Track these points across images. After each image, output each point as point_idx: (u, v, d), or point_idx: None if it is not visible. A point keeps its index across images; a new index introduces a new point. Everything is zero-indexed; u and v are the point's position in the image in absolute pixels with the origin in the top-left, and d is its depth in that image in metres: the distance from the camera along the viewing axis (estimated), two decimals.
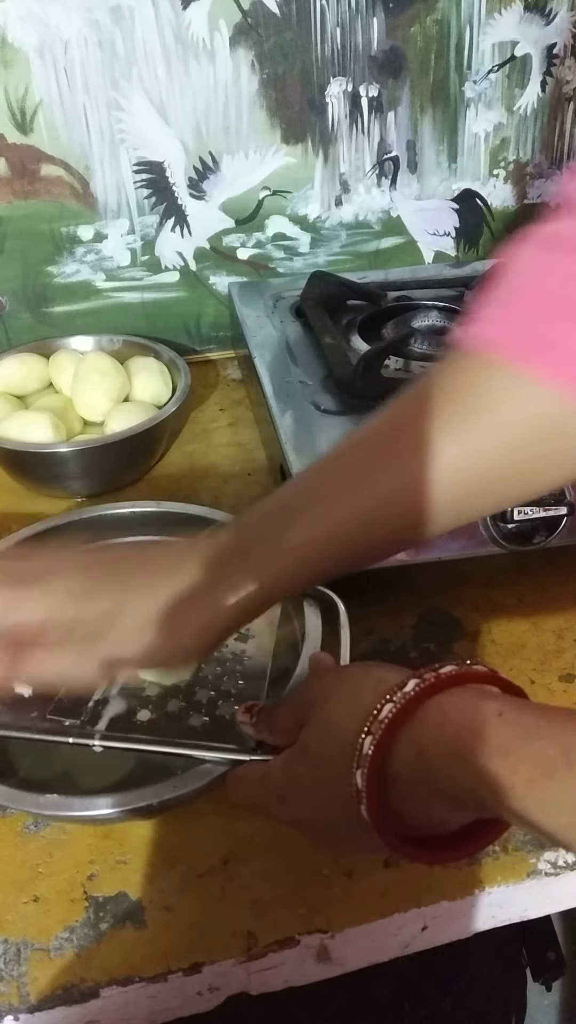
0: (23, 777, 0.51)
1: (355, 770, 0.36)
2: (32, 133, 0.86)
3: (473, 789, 0.33)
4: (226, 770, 0.46)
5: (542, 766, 0.31)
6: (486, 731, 0.33)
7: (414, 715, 0.36)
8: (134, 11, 0.82)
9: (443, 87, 0.93)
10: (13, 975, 0.46)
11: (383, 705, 0.36)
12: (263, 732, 0.46)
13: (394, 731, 0.36)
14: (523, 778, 0.31)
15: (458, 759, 0.34)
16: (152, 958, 0.46)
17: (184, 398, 0.82)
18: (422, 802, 0.36)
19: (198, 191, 0.93)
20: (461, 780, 0.34)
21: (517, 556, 0.63)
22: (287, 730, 0.43)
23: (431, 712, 0.36)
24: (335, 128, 0.93)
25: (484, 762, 0.33)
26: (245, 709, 0.47)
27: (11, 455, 0.78)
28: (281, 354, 0.77)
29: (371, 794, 0.36)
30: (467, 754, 0.33)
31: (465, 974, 0.77)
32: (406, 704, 0.36)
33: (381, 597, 0.68)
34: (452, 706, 0.35)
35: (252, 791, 0.43)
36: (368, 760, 0.35)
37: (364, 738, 0.36)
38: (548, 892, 0.51)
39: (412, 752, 0.35)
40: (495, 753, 0.32)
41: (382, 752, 0.36)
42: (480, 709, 0.34)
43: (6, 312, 0.94)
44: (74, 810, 0.46)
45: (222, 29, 0.85)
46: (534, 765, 0.31)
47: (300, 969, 0.48)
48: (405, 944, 0.50)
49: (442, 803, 0.35)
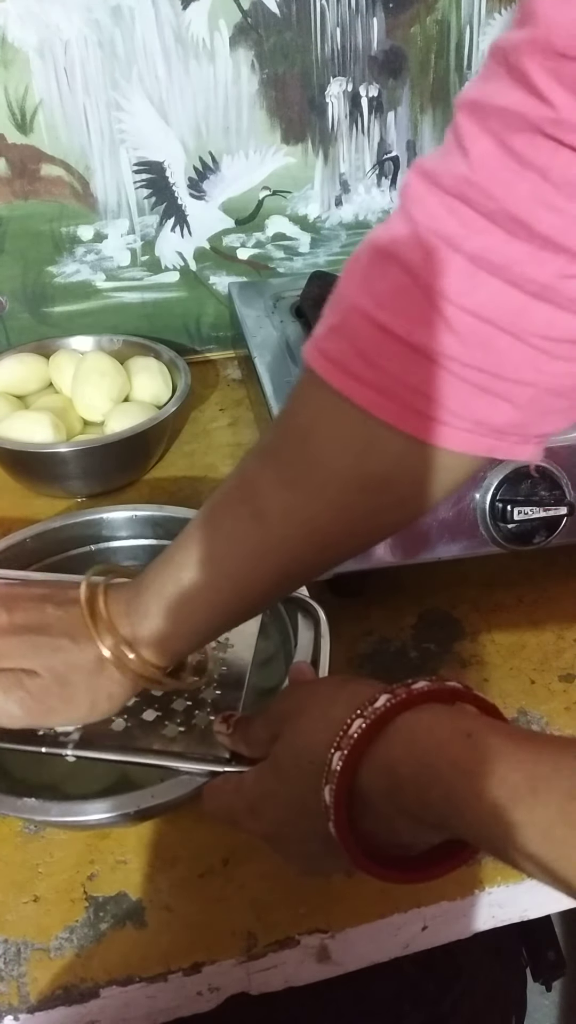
0: (18, 779, 0.51)
1: (324, 786, 0.36)
2: (32, 133, 0.86)
3: (439, 810, 0.33)
4: (207, 779, 0.46)
5: (507, 794, 0.30)
6: (454, 752, 0.33)
7: (384, 731, 0.35)
8: (134, 11, 0.82)
9: (443, 87, 0.93)
10: (13, 975, 0.46)
11: (353, 720, 0.35)
12: (239, 743, 0.45)
13: (363, 747, 0.35)
14: (488, 806, 0.31)
15: (425, 778, 0.33)
16: (152, 958, 0.46)
17: (184, 398, 0.82)
18: (390, 820, 0.35)
19: (198, 191, 0.93)
20: (428, 800, 0.33)
21: (517, 556, 0.63)
22: (262, 742, 0.43)
23: (401, 729, 0.35)
24: (335, 128, 0.93)
25: (451, 784, 0.32)
26: (222, 719, 0.47)
27: (11, 455, 0.78)
28: (281, 354, 0.77)
29: (339, 810, 0.35)
30: (434, 774, 0.33)
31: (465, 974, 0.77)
32: (376, 720, 0.35)
33: (381, 597, 0.68)
34: (422, 724, 0.35)
35: (225, 802, 0.43)
36: (336, 776, 0.35)
37: (333, 753, 0.35)
38: (548, 892, 0.50)
39: (381, 769, 0.35)
40: (462, 776, 0.32)
41: (351, 768, 0.35)
42: (449, 729, 0.34)
43: (6, 312, 0.94)
44: (52, 815, 0.46)
45: (222, 29, 0.85)
46: (500, 789, 0.31)
47: (300, 969, 0.48)
48: (405, 944, 0.50)
49: (409, 822, 0.35)
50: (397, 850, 0.37)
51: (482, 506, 0.61)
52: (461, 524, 0.62)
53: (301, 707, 0.40)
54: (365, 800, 0.35)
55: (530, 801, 0.30)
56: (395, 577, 0.68)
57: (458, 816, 0.32)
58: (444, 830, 0.35)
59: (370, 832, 0.36)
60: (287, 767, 0.39)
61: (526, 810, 0.30)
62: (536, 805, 0.30)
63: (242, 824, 0.42)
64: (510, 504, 0.60)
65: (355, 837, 0.36)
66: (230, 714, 0.47)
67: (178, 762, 0.47)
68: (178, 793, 0.45)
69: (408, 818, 0.35)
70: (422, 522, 0.61)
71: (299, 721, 0.40)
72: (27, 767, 0.52)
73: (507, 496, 0.60)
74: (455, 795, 0.32)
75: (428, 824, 0.34)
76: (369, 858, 0.36)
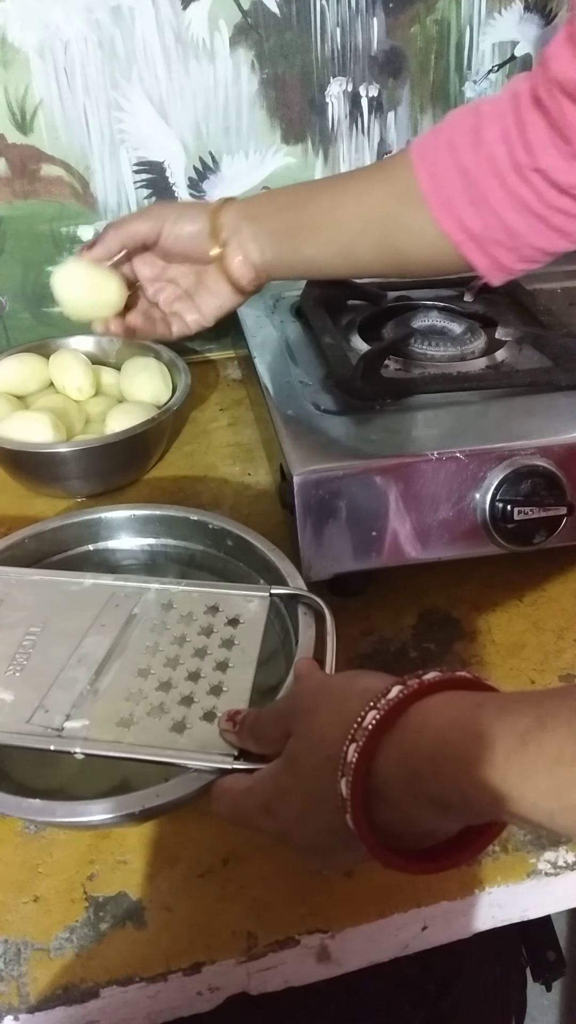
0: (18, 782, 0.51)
1: (340, 779, 0.36)
2: (32, 133, 0.86)
3: (456, 782, 0.33)
4: (213, 778, 0.46)
5: (518, 735, 0.31)
6: (465, 721, 0.33)
7: (397, 722, 0.36)
8: (134, 11, 0.82)
9: (443, 87, 0.93)
10: (13, 975, 0.46)
11: (367, 712, 0.36)
12: (247, 741, 0.46)
13: (378, 738, 0.35)
14: (501, 753, 0.32)
15: (440, 755, 0.34)
16: (152, 958, 0.46)
17: (184, 398, 0.82)
18: (407, 809, 0.36)
19: (198, 191, 0.93)
20: (444, 776, 0.33)
21: (517, 556, 0.63)
22: (272, 740, 0.43)
23: (414, 717, 0.36)
24: (335, 128, 0.93)
25: (464, 750, 0.33)
26: (228, 717, 0.47)
27: (11, 455, 0.78)
28: (281, 354, 0.77)
29: (356, 802, 0.35)
30: (448, 748, 0.33)
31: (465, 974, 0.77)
32: (390, 710, 0.36)
33: (381, 597, 0.68)
34: (432, 708, 0.35)
35: (236, 802, 0.43)
36: (352, 768, 0.35)
37: (349, 746, 0.36)
38: (548, 892, 0.51)
39: (396, 758, 0.35)
40: (474, 739, 0.32)
41: (366, 759, 0.35)
42: (459, 704, 0.35)
43: (6, 312, 0.94)
44: (56, 816, 0.46)
45: (222, 29, 0.85)
46: (510, 736, 0.32)
47: (300, 969, 0.48)
48: (405, 944, 0.50)
49: (427, 809, 0.35)
50: (413, 841, 0.37)
51: (482, 506, 0.61)
52: (461, 524, 0.62)
53: (314, 703, 0.41)
54: (381, 791, 0.36)
55: (539, 735, 0.31)
56: (395, 577, 0.68)
57: (474, 781, 0.32)
58: (461, 806, 0.35)
59: (387, 823, 0.36)
60: (302, 762, 0.39)
61: (536, 745, 0.31)
62: (544, 736, 0.31)
63: (254, 822, 0.42)
64: (510, 504, 0.60)
65: (373, 828, 0.36)
66: (236, 712, 0.47)
67: (186, 759, 0.47)
68: (183, 792, 0.45)
69: (425, 805, 0.35)
70: (422, 522, 0.61)
71: (312, 716, 0.40)
72: (27, 771, 0.51)
73: (507, 496, 0.60)
74: (469, 760, 0.32)
75: (445, 805, 0.35)
76: (386, 849, 0.36)
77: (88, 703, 0.51)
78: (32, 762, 0.51)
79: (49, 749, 0.48)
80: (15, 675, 0.53)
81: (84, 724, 0.49)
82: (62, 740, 0.48)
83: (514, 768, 0.31)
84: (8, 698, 0.51)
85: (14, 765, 0.51)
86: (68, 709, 0.50)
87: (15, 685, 0.52)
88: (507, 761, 0.31)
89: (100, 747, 0.48)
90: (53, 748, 0.48)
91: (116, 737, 0.48)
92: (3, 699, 0.51)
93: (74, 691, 0.51)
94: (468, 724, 0.33)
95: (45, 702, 0.51)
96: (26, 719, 0.50)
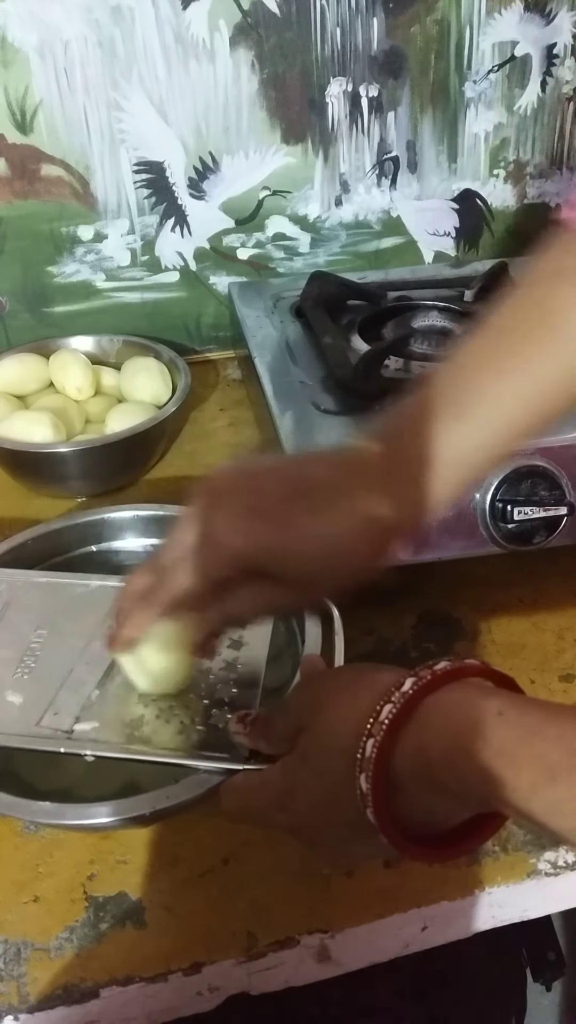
0: (27, 784, 0.51)
1: (359, 774, 0.36)
2: (32, 133, 0.86)
3: (477, 788, 0.33)
4: (222, 779, 0.46)
5: (546, 770, 0.31)
6: (487, 731, 0.33)
7: (413, 714, 0.36)
8: (134, 11, 0.82)
9: (443, 87, 0.93)
10: (13, 975, 0.46)
11: (382, 706, 0.36)
12: (258, 741, 0.45)
13: (395, 732, 0.36)
14: (527, 782, 0.32)
15: (461, 759, 0.34)
16: (152, 958, 0.46)
17: (184, 398, 0.82)
18: (425, 800, 0.36)
19: (198, 191, 0.93)
20: (464, 779, 0.34)
21: (517, 556, 0.63)
22: (283, 738, 0.43)
23: (431, 710, 0.36)
24: (335, 128, 0.93)
25: (487, 763, 0.33)
26: (238, 718, 0.47)
27: (11, 455, 0.78)
28: (281, 354, 0.77)
29: (377, 796, 0.36)
30: (470, 755, 0.33)
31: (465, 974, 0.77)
32: (405, 704, 0.36)
33: (381, 597, 0.68)
34: (452, 704, 0.35)
35: (248, 800, 0.43)
36: (372, 763, 0.35)
37: (366, 741, 0.36)
38: (548, 892, 0.51)
39: (414, 752, 0.35)
40: (498, 755, 0.32)
41: (385, 754, 0.35)
42: (480, 707, 0.34)
43: (6, 312, 0.94)
44: (67, 818, 0.46)
45: (222, 29, 0.85)
46: (538, 769, 0.32)
47: (300, 969, 0.48)
48: (405, 944, 0.50)
49: (445, 800, 0.36)
50: (428, 829, 0.37)
51: (482, 506, 0.61)
52: (461, 524, 0.62)
53: (326, 698, 0.41)
54: (399, 783, 0.36)
55: (567, 776, 0.31)
56: (395, 577, 0.68)
57: (497, 795, 0.32)
58: (481, 805, 0.35)
59: (405, 814, 0.36)
60: (317, 758, 0.39)
61: (566, 785, 0.31)
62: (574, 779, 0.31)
63: (267, 818, 0.42)
64: (510, 504, 0.60)
65: (393, 821, 0.36)
66: (246, 713, 0.47)
67: (197, 761, 0.47)
68: (194, 793, 0.45)
69: (444, 796, 0.35)
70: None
71: (326, 712, 0.40)
72: (35, 771, 0.51)
73: (507, 496, 0.60)
74: (492, 775, 0.32)
75: (464, 801, 0.35)
76: (408, 840, 0.36)
77: (97, 705, 0.51)
78: (40, 763, 0.51)
79: (60, 752, 0.48)
80: (23, 678, 0.53)
81: (94, 726, 0.49)
82: (72, 743, 0.48)
83: (541, 800, 0.31)
84: (17, 701, 0.51)
85: (22, 766, 0.52)
86: (77, 711, 0.50)
87: (24, 688, 0.52)
88: (533, 792, 0.32)
89: (110, 749, 0.48)
90: (64, 751, 0.48)
91: (126, 739, 0.48)
92: (12, 702, 0.51)
93: (83, 693, 0.51)
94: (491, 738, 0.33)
95: (54, 705, 0.51)
96: (36, 722, 0.50)
